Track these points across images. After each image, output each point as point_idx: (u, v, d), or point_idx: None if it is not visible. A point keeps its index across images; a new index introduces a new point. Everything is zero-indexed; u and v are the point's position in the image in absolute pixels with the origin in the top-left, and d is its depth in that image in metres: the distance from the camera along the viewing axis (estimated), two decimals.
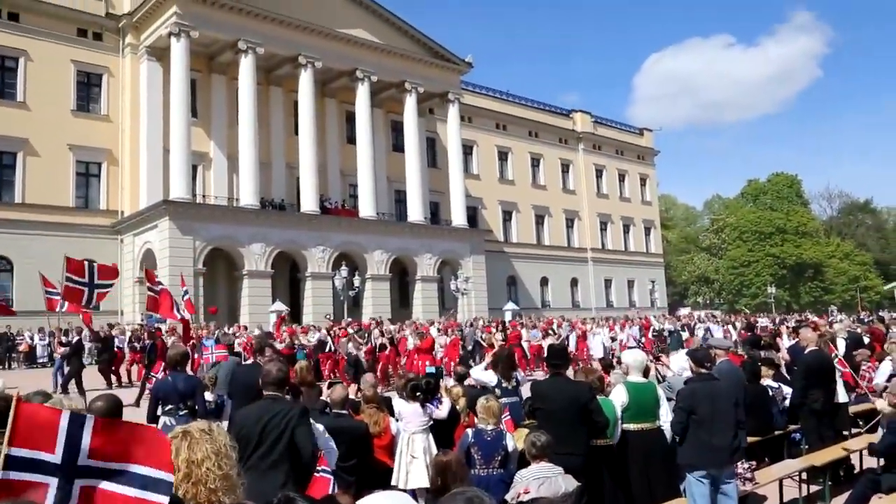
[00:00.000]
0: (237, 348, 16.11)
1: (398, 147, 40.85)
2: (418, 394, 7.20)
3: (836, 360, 8.04)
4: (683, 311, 52.32)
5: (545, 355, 21.02)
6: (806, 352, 8.70)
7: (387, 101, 40.69)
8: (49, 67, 31.53)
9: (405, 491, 6.62)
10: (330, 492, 4.84)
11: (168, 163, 31.33)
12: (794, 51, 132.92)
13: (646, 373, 6.64)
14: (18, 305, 26.67)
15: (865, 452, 7.68)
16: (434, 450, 7.01)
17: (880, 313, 41.13)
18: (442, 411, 7.46)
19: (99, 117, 33.09)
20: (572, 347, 23.85)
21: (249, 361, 10.85)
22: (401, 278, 39.14)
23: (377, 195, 37.03)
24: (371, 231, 35.99)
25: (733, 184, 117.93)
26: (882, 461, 6.89)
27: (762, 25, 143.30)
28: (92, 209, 32.66)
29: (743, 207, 75.08)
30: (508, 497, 5.04)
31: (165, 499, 2.37)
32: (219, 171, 34.25)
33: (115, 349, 20.69)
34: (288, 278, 35.41)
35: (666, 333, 28.14)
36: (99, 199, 32.96)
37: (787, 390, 8.64)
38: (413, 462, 6.77)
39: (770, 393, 8.22)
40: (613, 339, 27.00)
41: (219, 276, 33.09)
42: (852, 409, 9.07)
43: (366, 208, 36.23)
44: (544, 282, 50.79)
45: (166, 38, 31.31)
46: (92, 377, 18.65)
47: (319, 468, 4.86)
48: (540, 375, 17.74)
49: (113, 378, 20.05)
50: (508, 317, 35.99)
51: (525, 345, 23.42)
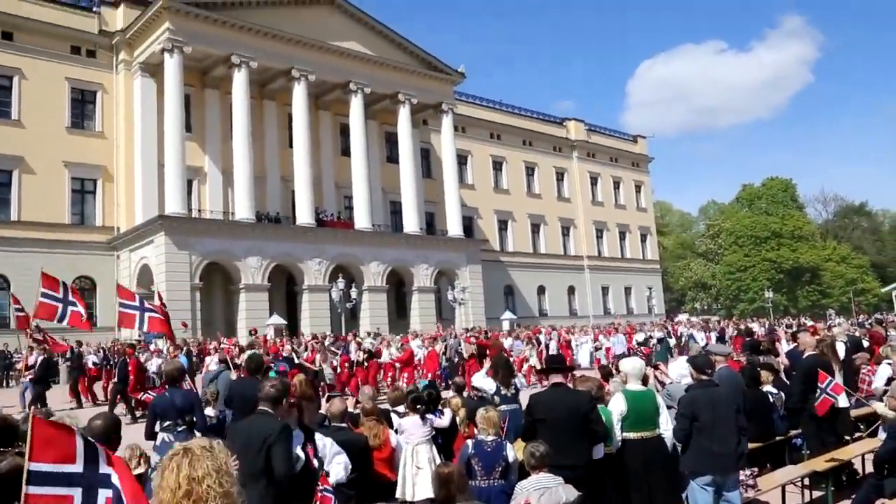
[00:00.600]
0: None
1: (393, 158, 40.92)
2: (419, 406, 7.17)
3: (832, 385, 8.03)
4: (682, 317, 52.36)
5: (534, 366, 20.80)
6: (804, 356, 8.69)
7: (381, 113, 40.77)
8: (43, 85, 31.56)
9: (411, 503, 6.60)
10: None
11: (163, 178, 31.35)
12: (786, 56, 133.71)
13: (644, 381, 6.62)
14: (15, 323, 26.53)
15: (868, 457, 7.65)
16: (438, 460, 6.98)
17: (877, 315, 41.19)
18: (444, 420, 7.44)
19: (93, 134, 33.09)
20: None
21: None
22: (398, 289, 39.11)
23: (372, 207, 37.05)
24: (367, 243, 35.99)
25: (728, 189, 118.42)
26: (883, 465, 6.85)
27: (754, 31, 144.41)
28: (88, 226, 32.61)
29: (738, 212, 75.24)
30: None
31: None
32: (214, 186, 34.25)
33: (91, 367, 20.37)
34: (285, 291, 35.38)
35: (655, 341, 27.16)
36: (94, 216, 32.92)
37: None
38: (419, 473, 6.74)
39: (770, 399, 8.20)
40: (598, 349, 26.65)
41: (215, 291, 33.02)
42: (854, 413, 9.05)
43: (361, 220, 36.24)
44: (541, 290, 50.77)
45: (159, 54, 31.37)
46: (62, 396, 18.45)
47: (321, 487, 4.85)
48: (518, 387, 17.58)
49: (85, 397, 19.79)
50: (506, 326, 35.97)
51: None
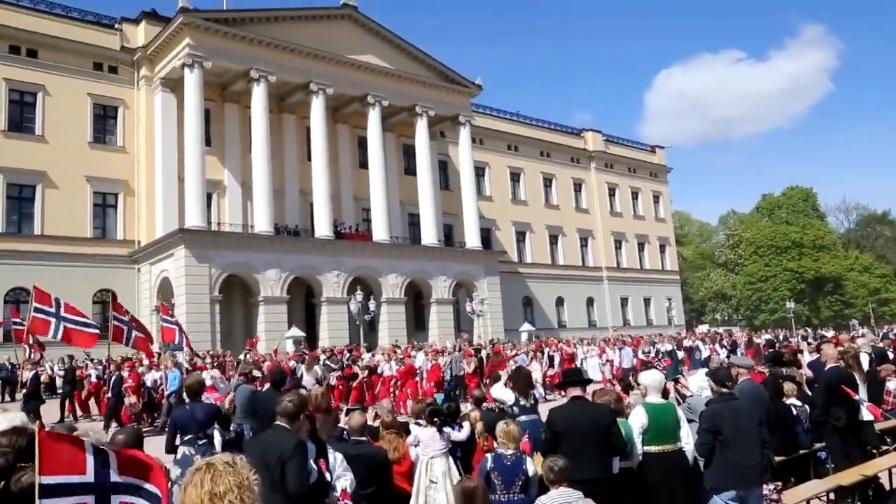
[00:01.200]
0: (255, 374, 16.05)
1: (410, 170, 41.04)
2: (436, 419, 7.16)
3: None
4: (702, 328, 51.88)
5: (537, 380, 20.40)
6: (827, 368, 8.55)
7: (398, 126, 40.96)
8: (66, 101, 32.07)
9: None
10: None
11: (183, 192, 31.65)
12: (805, 65, 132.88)
13: (664, 393, 6.55)
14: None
15: None
16: (455, 473, 6.95)
17: None
18: (462, 434, 7.41)
19: (115, 149, 33.52)
20: (557, 371, 22.64)
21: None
22: (416, 301, 39.10)
23: (390, 219, 37.14)
24: (385, 255, 36.06)
25: (747, 199, 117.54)
26: None
27: (772, 40, 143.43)
28: (109, 239, 32.98)
29: (758, 222, 74.58)
30: None
31: None
32: (233, 199, 34.53)
33: (93, 380, 20.36)
34: (303, 304, 35.49)
35: (663, 353, 26.26)
36: (116, 229, 33.29)
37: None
38: (432, 487, 6.71)
39: (794, 412, 8.08)
40: (606, 362, 26.00)
41: (235, 303, 33.21)
42: (878, 427, 8.89)
43: (379, 232, 36.34)
44: (560, 302, 50.56)
45: (180, 70, 31.77)
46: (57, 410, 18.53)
47: (342, 502, 4.87)
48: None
49: (83, 412, 19.79)
50: (525, 338, 35.82)
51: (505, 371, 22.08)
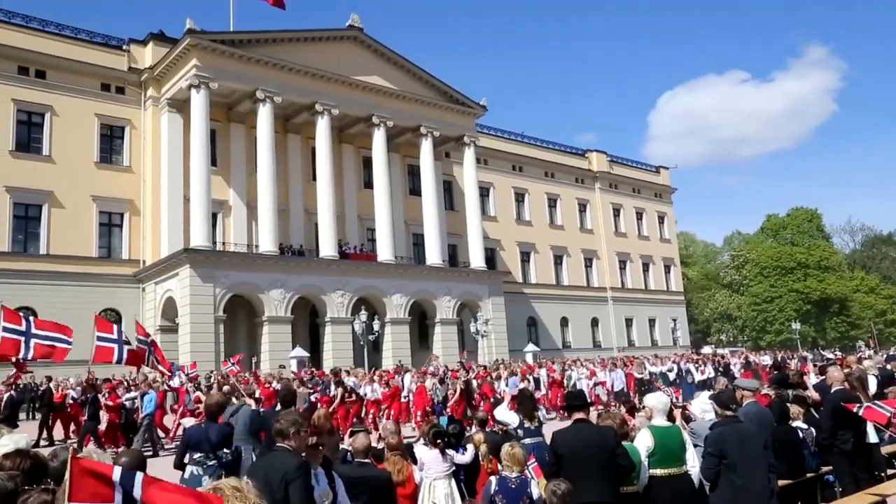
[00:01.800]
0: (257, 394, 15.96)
1: (415, 191, 41.16)
2: (439, 441, 7.12)
3: (863, 409, 7.81)
4: (707, 349, 51.66)
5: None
6: (833, 391, 8.49)
7: (403, 146, 41.14)
8: (73, 121, 32.34)
9: None
10: None
11: (188, 211, 31.76)
12: (809, 86, 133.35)
13: (670, 416, 6.51)
14: None
15: None
16: (457, 496, 6.90)
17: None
18: (466, 457, 7.38)
19: (121, 168, 33.72)
20: (544, 394, 22.25)
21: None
22: (420, 321, 39.04)
23: (395, 239, 37.20)
24: (390, 275, 36.07)
25: (752, 220, 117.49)
26: None
27: (776, 61, 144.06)
28: (114, 259, 33.07)
29: (763, 243, 74.52)
30: None
31: None
32: (238, 219, 34.64)
33: (70, 402, 19.65)
34: (308, 323, 35.48)
35: (656, 375, 25.66)
36: (121, 249, 33.39)
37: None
38: None
39: (801, 434, 8.02)
40: (596, 384, 25.11)
41: (239, 323, 33.22)
42: (885, 450, 8.80)
43: (384, 252, 36.37)
44: (564, 322, 50.41)
45: (186, 90, 32.02)
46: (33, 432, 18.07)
47: None
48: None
49: (66, 435, 19.41)
50: (529, 358, 35.70)
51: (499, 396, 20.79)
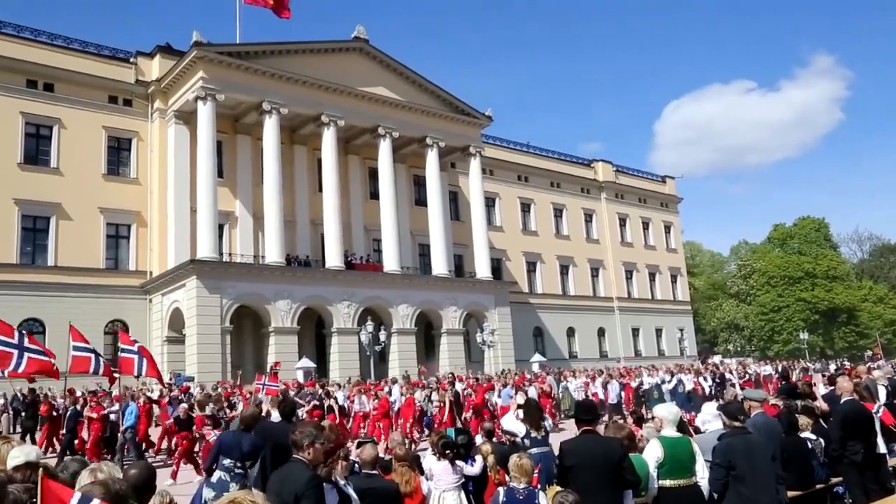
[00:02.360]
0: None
1: (421, 201, 41.21)
2: (448, 451, 7.10)
3: (881, 412, 7.76)
4: (715, 359, 51.45)
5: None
6: (842, 401, 8.44)
7: (409, 157, 41.24)
8: (81, 134, 32.54)
9: None
10: None
11: (195, 223, 31.89)
12: (815, 94, 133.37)
13: (681, 427, 6.47)
14: None
15: None
16: None
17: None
18: (475, 468, 7.35)
19: (128, 180, 33.88)
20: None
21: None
22: (426, 332, 39.01)
23: (401, 249, 37.23)
24: (396, 285, 36.08)
25: (759, 229, 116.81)
26: None
27: (783, 70, 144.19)
28: (122, 270, 33.18)
29: (770, 252, 74.25)
30: None
31: None
32: (244, 230, 34.73)
33: (54, 414, 19.16)
34: (314, 334, 35.48)
35: (647, 387, 25.21)
36: (128, 260, 33.50)
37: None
38: None
39: (809, 445, 7.96)
40: (589, 396, 24.41)
41: (246, 334, 33.26)
42: (893, 462, 8.73)
43: (390, 263, 36.40)
44: (571, 332, 50.30)
45: (193, 102, 32.20)
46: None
47: None
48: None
49: (49, 447, 18.79)
50: (536, 369, 35.60)
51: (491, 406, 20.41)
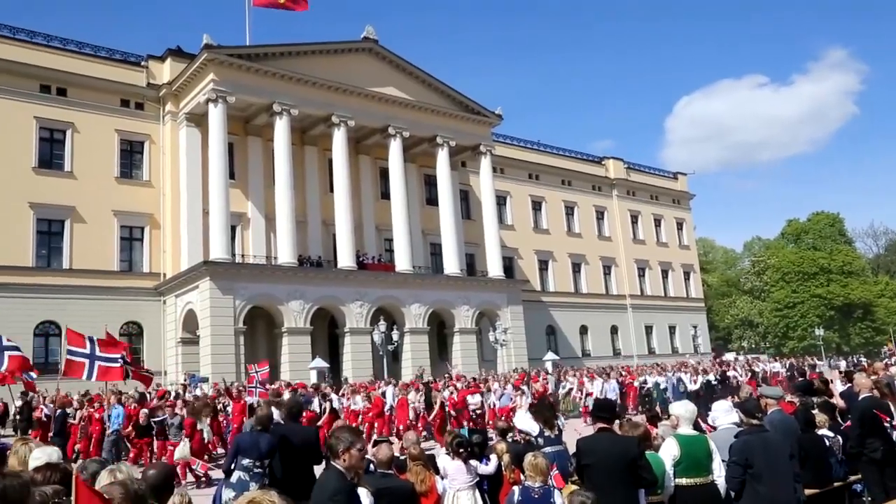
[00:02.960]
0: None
1: (432, 201, 41.21)
2: (462, 451, 7.10)
3: None
4: (729, 356, 51.17)
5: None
6: (860, 398, 8.37)
7: (420, 156, 41.25)
8: (94, 137, 32.76)
9: None
10: None
11: (207, 224, 32.03)
12: (828, 88, 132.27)
13: (696, 426, 6.44)
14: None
15: None
16: None
17: None
18: (489, 467, 7.35)
19: (141, 183, 34.08)
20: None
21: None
22: (439, 331, 39.02)
23: (413, 249, 37.25)
24: (408, 285, 36.11)
25: (772, 225, 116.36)
26: None
27: (795, 64, 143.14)
28: (135, 272, 33.38)
29: (784, 248, 73.76)
30: None
31: None
32: (256, 231, 34.86)
33: (43, 419, 18.92)
34: (327, 334, 35.56)
35: (649, 386, 25.20)
36: (142, 263, 33.69)
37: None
38: None
39: (827, 442, 7.90)
40: (587, 395, 24.61)
41: (259, 334, 33.39)
42: None
43: (402, 262, 36.43)
44: (583, 330, 50.16)
45: (204, 105, 32.34)
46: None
47: None
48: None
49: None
50: (549, 367, 35.53)
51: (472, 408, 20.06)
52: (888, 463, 7.75)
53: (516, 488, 6.05)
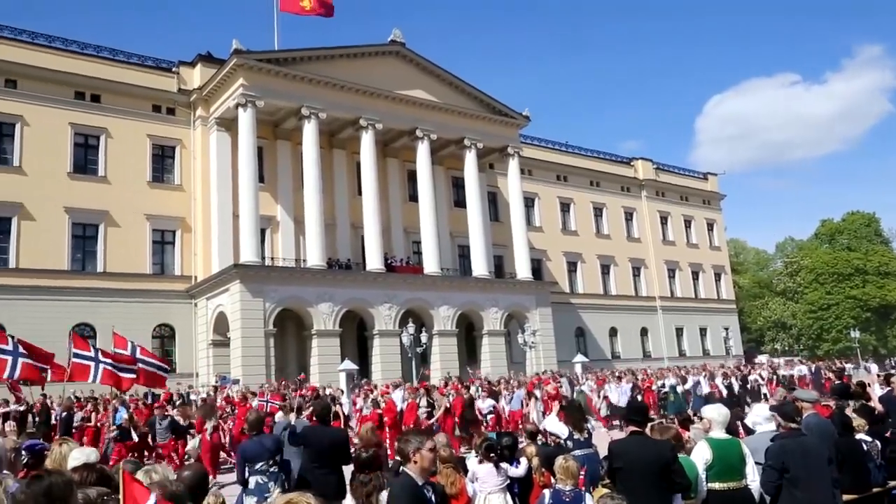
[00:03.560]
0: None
1: (460, 203, 41.21)
2: (492, 454, 7.08)
3: None
4: (761, 359, 50.44)
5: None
6: None
7: (447, 158, 41.28)
8: (127, 143, 33.32)
9: None
10: None
11: (237, 228, 32.36)
12: (862, 86, 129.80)
13: (729, 429, 6.34)
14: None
15: None
16: None
17: None
18: (519, 470, 7.32)
19: (173, 187, 34.57)
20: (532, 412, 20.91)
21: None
22: (468, 333, 38.98)
23: (441, 251, 37.28)
24: (436, 287, 36.13)
25: (805, 225, 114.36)
26: None
27: (828, 62, 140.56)
28: (167, 275, 33.85)
29: (818, 249, 72.43)
30: None
31: None
32: (286, 234, 35.15)
33: (53, 422, 18.78)
34: (356, 337, 35.72)
35: (667, 390, 24.53)
36: (174, 265, 34.16)
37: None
38: None
39: (865, 447, 7.74)
40: (602, 399, 24.14)
41: (289, 336, 33.66)
42: None
43: (430, 264, 36.47)
44: (613, 332, 49.78)
45: (234, 109, 32.70)
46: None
47: None
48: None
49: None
50: (579, 370, 35.28)
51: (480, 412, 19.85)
52: None
53: (546, 491, 6.02)
